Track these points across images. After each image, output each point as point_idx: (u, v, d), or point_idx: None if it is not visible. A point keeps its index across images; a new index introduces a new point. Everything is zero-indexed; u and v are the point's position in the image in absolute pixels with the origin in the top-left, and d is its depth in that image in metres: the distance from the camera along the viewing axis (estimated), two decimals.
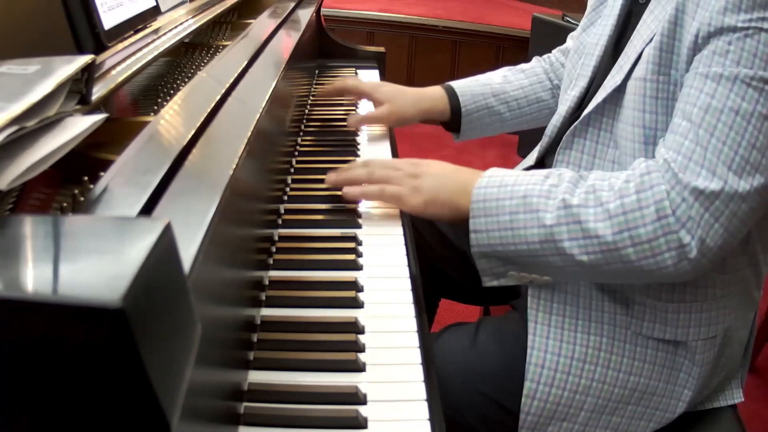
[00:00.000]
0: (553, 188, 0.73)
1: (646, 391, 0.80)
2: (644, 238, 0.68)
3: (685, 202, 0.67)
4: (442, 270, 1.14)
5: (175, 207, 0.47)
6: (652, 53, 0.74)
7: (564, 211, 0.71)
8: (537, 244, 0.72)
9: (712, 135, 0.67)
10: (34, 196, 0.53)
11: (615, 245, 0.69)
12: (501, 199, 0.75)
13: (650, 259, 0.69)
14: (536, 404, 0.80)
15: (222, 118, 0.67)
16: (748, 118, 0.66)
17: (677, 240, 0.67)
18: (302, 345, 0.67)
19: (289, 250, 0.82)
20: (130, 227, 0.35)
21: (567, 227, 0.71)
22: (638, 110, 0.76)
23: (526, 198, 0.73)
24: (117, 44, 0.77)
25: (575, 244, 0.71)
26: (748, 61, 0.66)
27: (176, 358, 0.34)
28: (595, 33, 0.91)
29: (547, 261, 0.73)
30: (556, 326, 0.81)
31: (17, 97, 0.43)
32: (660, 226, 0.68)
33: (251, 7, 1.38)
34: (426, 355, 0.67)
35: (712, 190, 0.66)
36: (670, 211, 0.67)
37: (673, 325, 0.78)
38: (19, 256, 0.32)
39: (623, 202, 0.69)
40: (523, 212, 0.73)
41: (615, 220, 0.69)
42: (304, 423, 0.58)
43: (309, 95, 1.36)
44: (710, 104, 0.68)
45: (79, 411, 0.31)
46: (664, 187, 0.68)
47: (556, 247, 0.72)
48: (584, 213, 0.70)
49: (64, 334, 0.28)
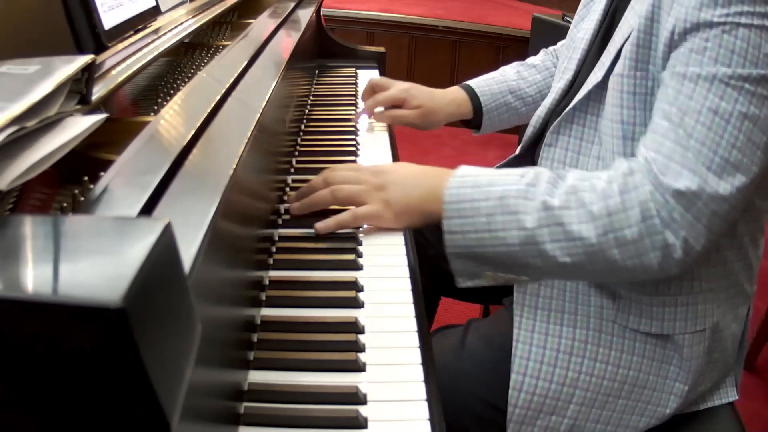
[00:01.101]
0: (531, 188, 0.72)
1: (637, 384, 0.80)
2: (629, 239, 0.68)
3: (668, 203, 0.67)
4: (442, 268, 1.14)
5: (175, 207, 0.47)
6: (630, 49, 0.74)
7: (545, 213, 0.70)
8: (517, 246, 0.71)
9: (690, 136, 0.66)
10: (34, 196, 0.53)
11: (600, 246, 0.69)
12: (476, 200, 0.73)
13: (635, 260, 0.68)
14: (523, 396, 0.80)
15: (222, 118, 0.67)
16: (727, 118, 0.66)
17: (662, 240, 0.67)
18: (302, 345, 0.67)
19: (289, 250, 0.82)
20: (130, 227, 0.35)
21: (549, 229, 0.70)
22: (617, 106, 0.76)
23: (503, 199, 0.72)
24: (117, 44, 0.76)
25: (557, 246, 0.70)
26: (725, 59, 0.66)
27: (176, 358, 0.34)
28: (583, 28, 0.92)
29: (527, 263, 0.72)
30: (541, 320, 0.81)
31: (17, 97, 0.43)
32: (645, 227, 0.67)
33: (251, 7, 1.38)
34: (426, 355, 0.67)
35: (693, 191, 0.66)
36: (654, 212, 0.67)
37: (659, 318, 0.78)
38: (19, 256, 0.32)
39: (607, 203, 0.68)
40: (500, 214, 0.71)
41: (599, 222, 0.68)
42: (304, 423, 0.58)
43: (309, 95, 1.36)
44: (689, 105, 0.67)
45: (80, 411, 0.31)
46: (648, 188, 0.68)
47: (537, 249, 0.70)
48: (567, 215, 0.69)
49: (64, 334, 0.28)
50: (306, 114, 1.26)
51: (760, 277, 0.88)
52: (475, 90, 1.16)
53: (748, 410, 1.64)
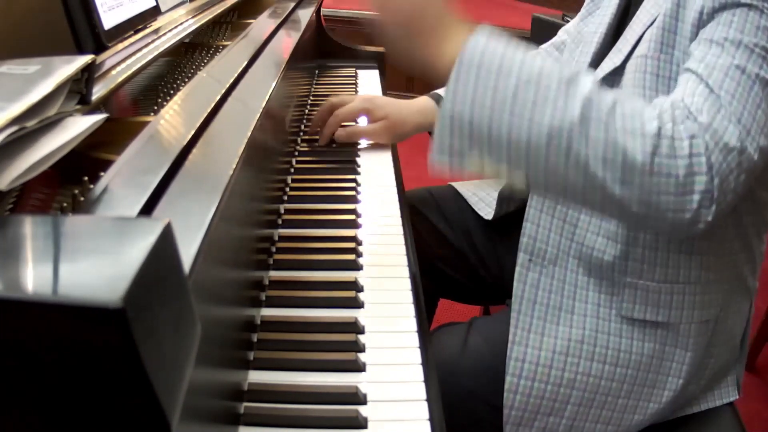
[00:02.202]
0: (575, 78, 0.62)
1: (636, 383, 0.80)
2: (677, 173, 0.61)
3: (708, 147, 0.62)
4: (441, 269, 1.14)
5: (175, 207, 0.47)
6: (655, 32, 0.75)
7: (593, 110, 0.61)
8: (544, 137, 0.60)
9: (720, 88, 0.65)
10: (34, 196, 0.53)
11: (643, 168, 0.61)
12: (505, 66, 0.62)
13: (672, 197, 0.62)
14: (519, 399, 0.80)
15: (222, 118, 0.67)
16: (754, 78, 0.65)
17: (703, 183, 0.61)
18: (302, 345, 0.67)
19: (289, 250, 0.82)
20: (130, 227, 0.35)
21: (594, 127, 0.60)
22: (638, 86, 0.75)
23: (542, 77, 0.61)
24: (117, 44, 0.76)
25: (594, 153, 0.60)
26: (751, 32, 0.66)
27: (176, 358, 0.33)
28: (593, 22, 0.92)
29: (545, 162, 0.61)
30: (539, 317, 0.82)
31: (17, 97, 0.43)
32: (692, 163, 0.61)
33: (251, 7, 1.38)
34: (426, 355, 0.67)
35: (725, 142, 0.62)
36: (703, 149, 0.62)
37: (666, 306, 0.78)
38: (19, 256, 0.32)
39: (662, 123, 0.62)
40: (534, 93, 0.61)
41: (649, 141, 0.61)
42: (304, 423, 0.58)
43: (309, 95, 1.36)
44: (716, 63, 0.66)
45: (80, 411, 0.31)
46: (694, 126, 0.62)
47: (568, 147, 0.60)
48: (617, 119, 0.61)
49: (64, 334, 0.28)
50: (306, 114, 1.26)
51: (760, 277, 0.88)
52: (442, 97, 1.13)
53: (749, 410, 1.64)
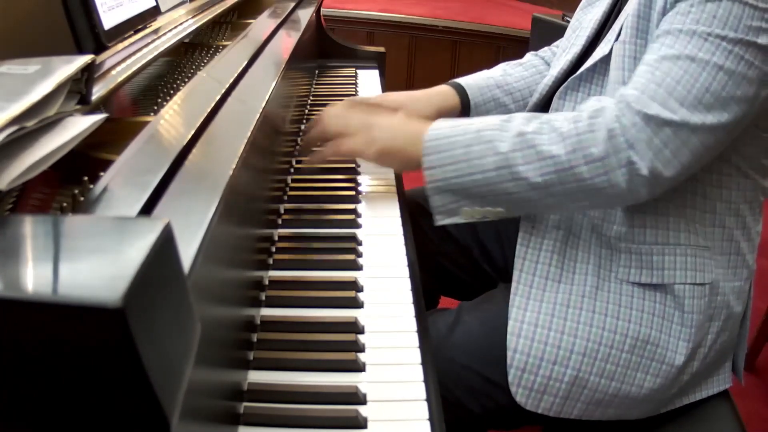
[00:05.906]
0: (506, 123, 0.78)
1: (639, 338, 0.80)
2: (596, 156, 0.72)
3: (635, 126, 0.71)
4: (443, 265, 1.14)
5: (175, 207, 0.47)
6: (631, 19, 0.80)
7: (519, 138, 0.76)
8: (492, 171, 0.76)
9: (667, 75, 0.72)
10: (34, 196, 0.53)
11: (569, 164, 0.73)
12: (454, 135, 0.79)
13: (602, 177, 0.73)
14: (522, 342, 0.81)
15: (222, 118, 0.67)
16: (703, 66, 0.71)
17: (627, 158, 0.71)
18: (302, 345, 0.67)
19: (289, 250, 0.82)
20: (130, 227, 0.35)
21: (522, 153, 0.75)
22: (620, 69, 0.81)
23: (480, 132, 0.78)
24: (117, 44, 0.77)
25: (530, 168, 0.75)
26: (707, 21, 0.71)
27: (176, 358, 0.34)
28: (592, 11, 0.96)
29: (502, 188, 0.77)
30: (538, 286, 0.83)
31: (17, 97, 0.43)
32: (611, 145, 0.72)
33: (251, 7, 1.38)
34: (426, 355, 0.67)
35: (662, 118, 0.70)
36: (619, 131, 0.72)
37: (658, 267, 0.81)
38: (19, 256, 0.32)
39: (576, 126, 0.74)
40: (477, 144, 0.77)
41: (568, 141, 0.74)
42: (304, 423, 0.58)
43: (309, 95, 1.36)
44: (668, 53, 0.73)
45: (80, 411, 0.31)
46: (615, 113, 0.72)
47: (510, 172, 0.76)
48: (538, 138, 0.75)
49: (64, 333, 0.28)
50: (306, 114, 1.26)
51: (761, 277, 0.88)
52: (462, 85, 1.13)
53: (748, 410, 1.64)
